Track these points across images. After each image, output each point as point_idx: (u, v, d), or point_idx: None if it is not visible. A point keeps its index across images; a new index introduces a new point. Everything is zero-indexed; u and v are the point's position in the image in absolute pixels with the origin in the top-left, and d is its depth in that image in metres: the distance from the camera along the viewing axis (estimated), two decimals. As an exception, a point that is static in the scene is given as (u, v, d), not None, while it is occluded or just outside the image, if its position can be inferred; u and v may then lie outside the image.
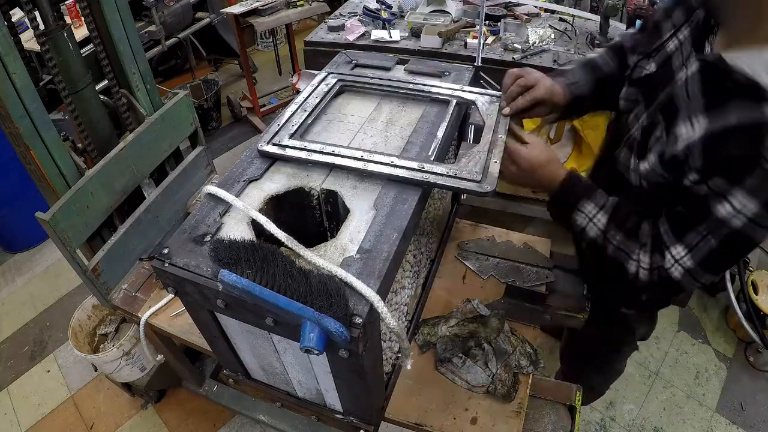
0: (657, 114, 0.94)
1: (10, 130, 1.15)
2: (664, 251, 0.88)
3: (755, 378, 2.15)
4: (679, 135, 0.86)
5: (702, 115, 0.83)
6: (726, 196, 0.79)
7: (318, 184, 0.91)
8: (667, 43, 0.97)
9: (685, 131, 0.85)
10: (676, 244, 0.87)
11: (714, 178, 0.80)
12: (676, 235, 0.87)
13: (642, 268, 0.92)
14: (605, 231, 0.96)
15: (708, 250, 0.83)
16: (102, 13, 1.29)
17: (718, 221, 0.80)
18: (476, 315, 1.23)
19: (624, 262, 0.94)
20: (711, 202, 0.81)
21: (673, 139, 0.87)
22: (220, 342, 0.98)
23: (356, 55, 1.26)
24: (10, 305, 2.65)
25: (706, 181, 0.81)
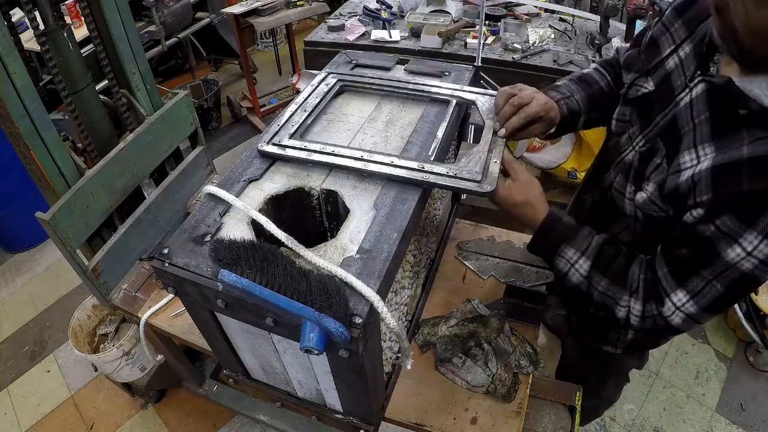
0: (656, 139, 0.87)
1: (10, 130, 1.15)
2: (664, 298, 0.82)
3: (755, 378, 2.15)
4: (682, 164, 0.79)
5: (708, 144, 0.76)
6: (736, 238, 0.71)
7: (318, 184, 0.91)
8: (667, 61, 0.89)
9: (689, 160, 0.78)
10: (677, 290, 0.80)
11: (723, 217, 0.72)
12: (678, 280, 0.80)
13: (633, 315, 0.86)
14: (588, 277, 0.90)
15: (713, 296, 0.77)
16: (102, 13, 1.29)
17: (727, 265, 0.74)
18: (476, 315, 1.23)
19: (612, 308, 0.88)
20: (719, 245, 0.73)
21: (675, 168, 0.80)
22: (220, 342, 0.98)
23: (356, 55, 1.26)
24: (10, 305, 2.65)
25: (713, 220, 0.73)
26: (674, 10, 0.91)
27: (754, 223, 0.70)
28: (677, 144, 0.82)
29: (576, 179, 2.38)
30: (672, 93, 0.86)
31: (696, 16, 0.86)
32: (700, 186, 0.75)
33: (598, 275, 0.89)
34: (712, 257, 0.75)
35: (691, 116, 0.81)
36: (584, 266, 0.90)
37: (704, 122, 0.78)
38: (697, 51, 0.84)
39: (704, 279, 0.77)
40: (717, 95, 0.78)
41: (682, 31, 0.88)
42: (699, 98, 0.81)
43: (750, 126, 0.72)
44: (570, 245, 0.91)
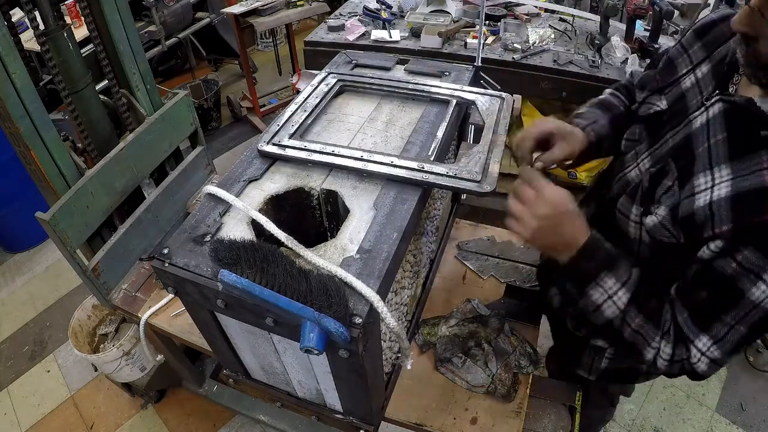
0: (668, 160, 0.82)
1: (10, 130, 1.15)
2: (688, 345, 0.77)
3: (755, 378, 2.15)
4: (696, 187, 0.75)
5: (725, 166, 0.72)
6: (761, 275, 0.67)
7: (318, 184, 0.91)
8: (683, 80, 0.86)
9: (704, 183, 0.74)
10: (700, 335, 0.75)
11: (744, 251, 0.68)
12: (699, 326, 0.75)
13: (661, 358, 0.80)
14: (625, 312, 0.80)
15: (738, 339, 0.73)
16: (102, 13, 1.29)
17: (751, 306, 0.69)
18: (476, 315, 1.23)
19: (641, 348, 0.81)
20: (742, 283, 0.69)
21: (689, 192, 0.76)
22: (220, 342, 0.98)
23: (356, 55, 1.26)
24: (10, 305, 2.65)
25: (734, 254, 0.69)
26: (694, 33, 0.89)
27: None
28: (690, 166, 0.77)
29: (576, 179, 2.37)
30: (686, 112, 0.83)
31: (715, 39, 0.84)
32: (719, 215, 0.70)
33: (634, 311, 0.80)
34: (736, 298, 0.70)
35: (707, 136, 0.77)
36: (623, 299, 0.80)
37: (721, 143, 0.75)
38: (716, 71, 0.82)
39: (728, 324, 0.73)
40: (736, 115, 0.75)
41: (700, 52, 0.86)
42: (716, 118, 0.77)
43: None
44: (611, 273, 0.81)
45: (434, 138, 0.98)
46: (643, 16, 2.16)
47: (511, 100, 1.08)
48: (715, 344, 0.74)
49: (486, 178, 0.88)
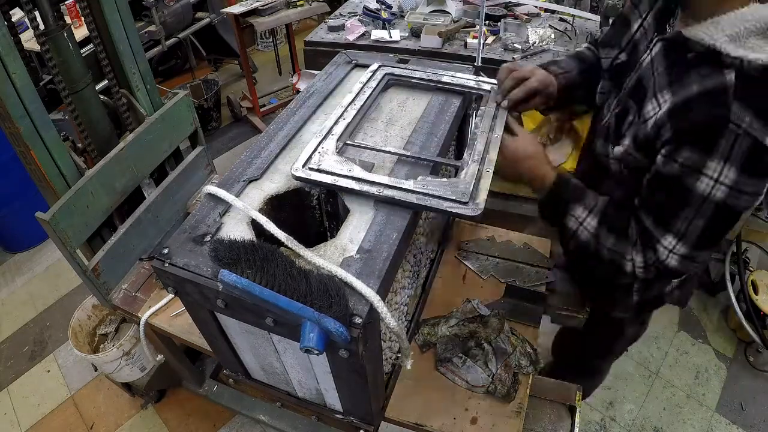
0: (627, 99, 0.94)
1: (10, 130, 1.15)
2: (656, 245, 0.87)
3: (755, 378, 2.15)
4: (646, 113, 0.86)
5: (666, 90, 0.83)
6: (701, 170, 0.77)
7: (318, 184, 0.90)
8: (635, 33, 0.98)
9: (652, 108, 0.85)
10: (665, 235, 0.86)
11: (683, 152, 0.78)
12: (662, 225, 0.86)
13: (638, 267, 0.91)
14: (597, 235, 0.95)
15: (698, 232, 0.83)
16: (102, 13, 1.29)
17: (700, 198, 0.79)
18: (476, 315, 1.23)
19: (620, 264, 0.93)
20: (687, 180, 0.79)
21: (643, 118, 0.87)
22: (220, 342, 0.98)
23: (356, 55, 1.26)
24: (10, 305, 2.65)
25: (675, 157, 0.79)
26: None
27: (713, 150, 0.75)
28: (643, 99, 0.88)
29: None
30: (639, 59, 0.94)
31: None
32: (663, 128, 0.81)
33: (605, 232, 0.94)
34: (685, 194, 0.80)
35: (652, 71, 0.89)
36: (592, 223, 0.95)
37: (662, 73, 0.86)
38: (656, 19, 0.94)
39: (685, 219, 0.82)
40: (670, 48, 0.86)
41: (646, 5, 0.97)
42: (657, 55, 0.89)
43: (698, 67, 0.79)
44: (579, 203, 0.97)
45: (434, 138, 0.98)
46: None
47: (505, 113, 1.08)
48: (679, 240, 0.84)
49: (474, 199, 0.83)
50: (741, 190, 0.77)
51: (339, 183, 0.86)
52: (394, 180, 0.86)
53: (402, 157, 0.93)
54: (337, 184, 0.86)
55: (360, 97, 1.05)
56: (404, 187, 0.85)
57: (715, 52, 0.76)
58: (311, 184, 0.89)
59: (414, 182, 0.85)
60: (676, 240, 0.85)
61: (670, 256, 0.86)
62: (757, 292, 2.13)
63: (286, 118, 1.07)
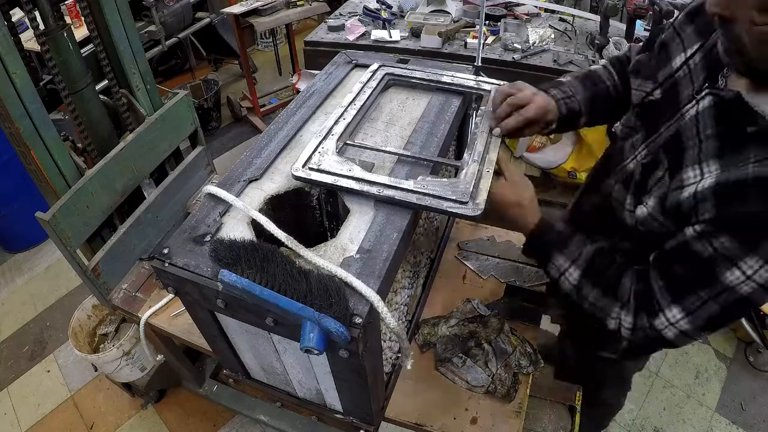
0: (659, 151, 0.84)
1: (10, 130, 1.15)
2: (657, 312, 0.80)
3: (755, 378, 2.15)
4: (685, 180, 0.76)
5: (714, 161, 0.73)
6: (736, 262, 0.69)
7: (318, 184, 0.90)
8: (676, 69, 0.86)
9: (693, 176, 0.75)
10: (672, 306, 0.78)
11: (722, 238, 0.70)
12: (673, 296, 0.78)
13: (624, 327, 0.84)
14: (578, 287, 0.89)
15: (708, 315, 0.75)
16: (102, 13, 1.29)
17: (724, 287, 0.72)
18: (476, 315, 1.23)
19: (602, 318, 0.87)
20: (718, 266, 0.71)
21: (678, 183, 0.77)
22: (220, 342, 0.98)
23: (356, 55, 1.26)
24: (10, 305, 2.65)
25: (712, 240, 0.71)
26: (686, 15, 0.88)
27: (756, 248, 0.67)
28: (680, 158, 0.78)
29: (576, 179, 2.38)
30: (678, 104, 0.83)
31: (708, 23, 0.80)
32: (702, 204, 0.72)
33: (588, 286, 0.88)
34: (711, 279, 0.73)
35: (697, 131, 0.78)
36: (574, 275, 0.89)
37: (710, 138, 0.75)
38: (707, 61, 0.81)
39: (701, 299, 0.75)
40: (725, 110, 0.75)
41: (693, 37, 0.84)
42: (705, 112, 0.77)
43: (758, 144, 0.69)
44: (560, 253, 0.91)
45: (434, 138, 0.98)
46: (643, 16, 2.16)
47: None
48: (687, 316, 0.77)
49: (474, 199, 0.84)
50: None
51: (339, 183, 0.86)
52: (394, 180, 0.86)
53: (402, 157, 0.93)
54: (338, 184, 0.86)
55: (360, 97, 1.05)
56: (404, 187, 0.84)
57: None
58: (311, 183, 0.89)
59: (414, 182, 0.85)
60: (682, 315, 0.77)
61: (668, 328, 0.79)
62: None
63: (286, 118, 1.07)
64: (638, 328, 0.82)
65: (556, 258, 0.91)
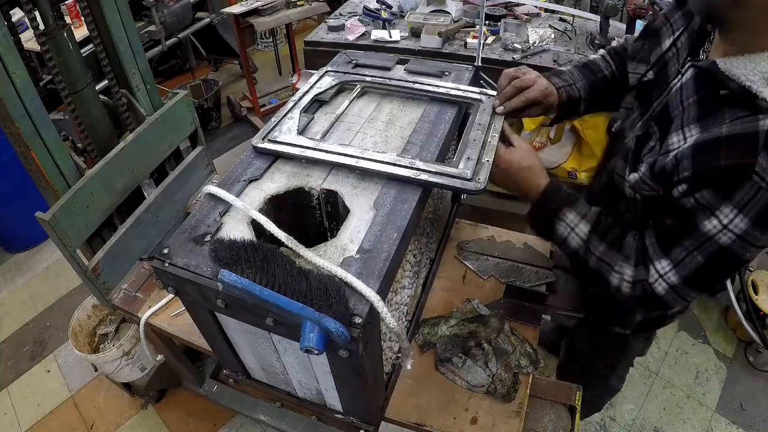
0: (651, 123, 0.91)
1: (10, 130, 1.15)
2: (649, 264, 0.84)
3: (755, 378, 2.15)
4: (670, 145, 0.82)
5: (694, 125, 0.80)
6: (713, 211, 0.75)
7: (318, 184, 0.91)
8: (666, 50, 0.94)
9: (677, 141, 0.81)
10: (661, 258, 0.83)
11: (702, 191, 0.76)
12: (662, 248, 0.83)
13: (625, 281, 0.88)
14: (587, 241, 0.93)
15: (694, 267, 0.80)
16: (102, 13, 1.29)
17: (705, 237, 0.77)
18: (476, 315, 1.23)
19: (606, 274, 0.90)
20: (698, 216, 0.77)
21: (665, 149, 0.83)
22: (220, 342, 0.98)
23: (356, 55, 1.26)
24: (10, 305, 2.65)
25: (694, 194, 0.77)
26: (675, 2, 0.97)
27: (730, 197, 0.73)
28: (668, 127, 0.85)
29: (576, 179, 2.37)
30: (668, 80, 0.91)
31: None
32: (682, 163, 0.78)
33: (596, 240, 0.92)
34: (692, 228, 0.78)
35: (681, 100, 0.85)
36: (584, 230, 0.93)
37: (692, 105, 0.82)
38: (690, 40, 0.89)
39: (686, 249, 0.80)
40: (703, 78, 0.82)
41: (680, 21, 0.93)
42: (688, 83, 0.84)
43: (731, 106, 0.75)
44: (571, 209, 0.95)
45: (434, 138, 0.98)
46: (643, 16, 2.16)
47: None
48: (674, 268, 0.81)
49: (477, 176, 0.88)
50: (749, 242, 0.74)
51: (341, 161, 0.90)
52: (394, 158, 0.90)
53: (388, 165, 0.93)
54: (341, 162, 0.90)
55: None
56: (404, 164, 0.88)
57: (750, 94, 0.72)
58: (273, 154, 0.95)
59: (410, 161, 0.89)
60: (670, 266, 0.82)
61: (658, 281, 0.83)
62: (757, 292, 2.13)
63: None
64: (637, 281, 0.86)
65: (566, 214, 0.95)
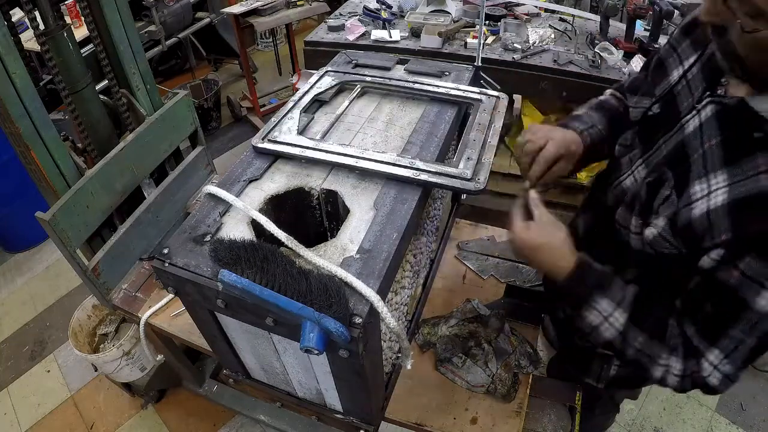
0: (663, 168, 0.80)
1: (10, 130, 1.15)
2: (700, 359, 0.74)
3: (755, 378, 2.15)
4: (692, 195, 0.72)
5: (721, 171, 0.69)
6: (764, 284, 0.64)
7: (318, 184, 0.91)
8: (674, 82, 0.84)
9: (700, 191, 0.71)
10: (711, 348, 0.73)
11: (746, 259, 0.65)
12: (708, 339, 0.73)
13: (672, 375, 0.77)
14: (624, 333, 0.79)
15: (748, 351, 0.70)
16: (102, 13, 1.29)
17: (758, 316, 0.67)
18: (476, 315, 1.23)
19: (647, 366, 0.79)
20: (747, 294, 0.66)
21: (686, 200, 0.73)
22: (220, 342, 0.98)
23: (356, 55, 1.26)
24: (10, 305, 2.65)
25: (736, 264, 0.66)
26: (681, 30, 0.86)
27: None
28: (687, 173, 0.74)
29: (576, 179, 2.37)
30: (678, 115, 0.80)
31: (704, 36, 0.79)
32: (717, 224, 0.67)
33: (635, 330, 0.79)
34: (741, 309, 0.68)
35: (701, 141, 0.74)
36: (620, 320, 0.80)
37: (715, 147, 0.71)
38: (705, 71, 0.79)
39: (735, 338, 0.70)
40: (729, 117, 0.72)
41: (690, 50, 0.83)
42: (709, 121, 0.74)
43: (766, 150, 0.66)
44: (605, 295, 0.80)
45: (434, 138, 0.98)
46: (643, 16, 2.16)
47: (506, 100, 1.09)
48: (725, 358, 0.72)
49: (478, 176, 0.88)
50: None
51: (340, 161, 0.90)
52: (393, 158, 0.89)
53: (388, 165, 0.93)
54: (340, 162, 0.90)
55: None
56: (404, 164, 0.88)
57: None
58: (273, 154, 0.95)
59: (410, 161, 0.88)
60: (722, 356, 0.72)
61: (713, 374, 0.73)
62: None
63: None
64: (687, 375, 0.76)
65: (599, 301, 0.80)
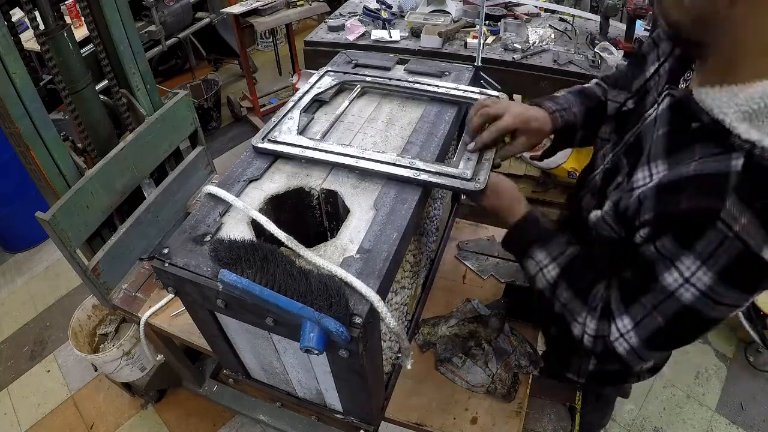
0: (621, 157, 0.83)
1: (10, 130, 1.15)
2: (611, 321, 0.76)
3: (755, 378, 2.15)
4: (635, 182, 0.74)
5: (662, 161, 0.71)
6: (674, 261, 0.66)
7: (318, 184, 0.91)
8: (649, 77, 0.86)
9: (642, 178, 0.73)
10: (623, 315, 0.74)
11: (663, 238, 0.67)
12: (624, 304, 0.75)
13: (587, 334, 0.79)
14: (554, 286, 0.85)
15: (654, 328, 0.71)
16: (102, 13, 1.29)
17: (665, 292, 0.68)
18: (476, 315, 1.23)
19: (569, 323, 0.82)
20: (658, 267, 0.68)
21: (629, 186, 0.75)
22: (220, 342, 0.98)
23: (356, 55, 1.26)
24: (10, 305, 2.65)
25: (655, 241, 0.68)
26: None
27: (691, 247, 0.64)
28: (637, 161, 0.77)
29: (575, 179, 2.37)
30: (644, 110, 0.82)
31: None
32: (645, 205, 0.69)
33: (563, 285, 0.84)
34: (651, 280, 0.69)
35: (654, 132, 0.76)
36: (552, 273, 0.85)
37: (661, 137, 0.73)
38: (674, 66, 0.81)
39: (645, 307, 0.71)
40: (677, 109, 0.73)
41: (667, 46, 0.84)
42: (663, 113, 0.76)
43: (703, 141, 0.66)
44: (543, 248, 0.87)
45: (434, 138, 0.98)
46: (643, 16, 2.16)
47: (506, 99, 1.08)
48: (633, 328, 0.73)
49: (478, 176, 0.88)
50: (715, 299, 0.64)
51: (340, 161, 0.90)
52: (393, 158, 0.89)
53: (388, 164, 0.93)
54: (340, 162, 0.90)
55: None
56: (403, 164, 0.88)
57: (724, 129, 0.63)
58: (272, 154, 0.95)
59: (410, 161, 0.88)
60: (631, 325, 0.73)
61: (619, 341, 0.75)
62: (757, 292, 2.12)
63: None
64: (599, 336, 0.78)
65: (537, 252, 0.88)
